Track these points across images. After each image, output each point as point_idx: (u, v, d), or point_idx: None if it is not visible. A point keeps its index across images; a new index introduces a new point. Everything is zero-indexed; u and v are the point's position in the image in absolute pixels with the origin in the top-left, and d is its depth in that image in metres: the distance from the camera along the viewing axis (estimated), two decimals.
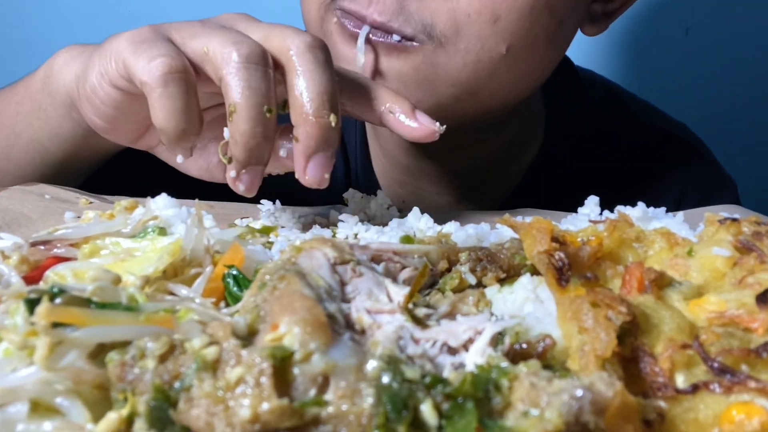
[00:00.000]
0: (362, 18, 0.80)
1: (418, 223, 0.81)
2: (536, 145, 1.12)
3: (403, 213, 0.89)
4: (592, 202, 0.78)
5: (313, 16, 0.87)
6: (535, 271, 0.53)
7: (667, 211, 0.70)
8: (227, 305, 0.52)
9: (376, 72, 0.82)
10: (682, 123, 1.23)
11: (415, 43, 0.80)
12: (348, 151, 1.14)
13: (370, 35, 0.80)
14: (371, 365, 0.38)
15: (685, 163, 1.15)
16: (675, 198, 1.13)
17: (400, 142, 1.06)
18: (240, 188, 0.65)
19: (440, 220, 0.79)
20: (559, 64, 0.96)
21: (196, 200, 0.61)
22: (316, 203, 0.94)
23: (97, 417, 0.39)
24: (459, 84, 0.84)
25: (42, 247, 0.58)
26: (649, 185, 1.13)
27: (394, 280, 0.51)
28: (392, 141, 1.09)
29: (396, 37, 0.80)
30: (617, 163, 1.13)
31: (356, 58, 0.80)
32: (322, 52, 0.64)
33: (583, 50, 1.49)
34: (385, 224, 0.82)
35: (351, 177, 1.14)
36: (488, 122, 0.96)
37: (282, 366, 0.37)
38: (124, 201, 0.70)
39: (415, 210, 0.84)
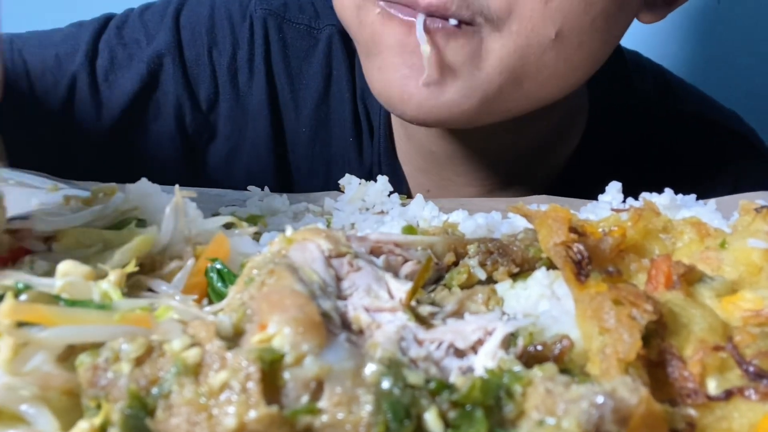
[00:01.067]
0: (413, 5, 0.78)
1: (422, 211, 0.81)
2: (577, 135, 1.10)
3: (406, 201, 0.89)
4: (614, 189, 0.78)
5: (348, 3, 0.86)
6: (551, 265, 0.53)
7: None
8: (210, 303, 0.52)
9: (443, 64, 0.80)
10: (733, 112, 1.22)
11: (472, 27, 0.79)
12: (372, 134, 1.11)
13: (427, 22, 0.78)
14: (370, 369, 0.38)
15: (737, 156, 1.14)
16: (727, 193, 1.09)
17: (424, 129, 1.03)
18: None
19: (447, 208, 0.78)
20: None
21: (177, 186, 0.60)
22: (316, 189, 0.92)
23: (66, 426, 0.39)
24: (506, 71, 0.81)
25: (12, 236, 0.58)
26: (699, 179, 1.08)
27: (396, 274, 0.51)
28: (411, 127, 1.04)
29: (453, 21, 0.78)
30: (664, 155, 1.12)
31: (421, 50, 0.77)
32: None
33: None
34: (385, 213, 0.81)
35: (373, 161, 1.12)
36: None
37: (271, 370, 0.37)
38: (103, 186, 0.70)
39: (419, 198, 0.84)
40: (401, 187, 1.10)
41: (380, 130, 1.11)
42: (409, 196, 0.89)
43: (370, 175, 0.98)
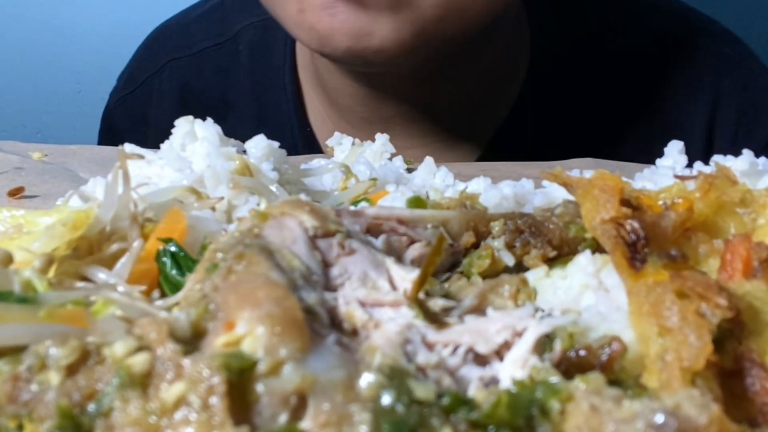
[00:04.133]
0: None
1: (433, 179, 0.81)
2: (518, 81, 1.22)
3: (414, 165, 0.88)
4: (674, 149, 0.77)
5: None
6: (597, 248, 0.53)
7: (696, 134, 0.71)
8: (163, 295, 0.52)
9: None
10: (714, 21, 1.31)
11: None
12: (269, 103, 1.31)
13: None
14: (366, 380, 0.38)
15: (714, 73, 1.24)
16: (706, 115, 1.23)
17: (354, 81, 1.18)
18: None
19: (464, 174, 0.78)
20: None
21: (120, 147, 0.60)
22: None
23: None
24: None
25: None
26: (670, 103, 1.23)
27: (399, 259, 0.50)
28: (339, 81, 1.20)
29: None
30: (622, 79, 1.23)
31: None
32: None
33: None
34: (386, 182, 0.81)
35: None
36: (463, 45, 1.10)
37: (240, 381, 0.37)
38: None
39: (428, 161, 0.84)
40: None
41: (289, 104, 1.30)
42: None
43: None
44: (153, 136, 1.36)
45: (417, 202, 0.65)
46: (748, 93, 1.25)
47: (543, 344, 0.43)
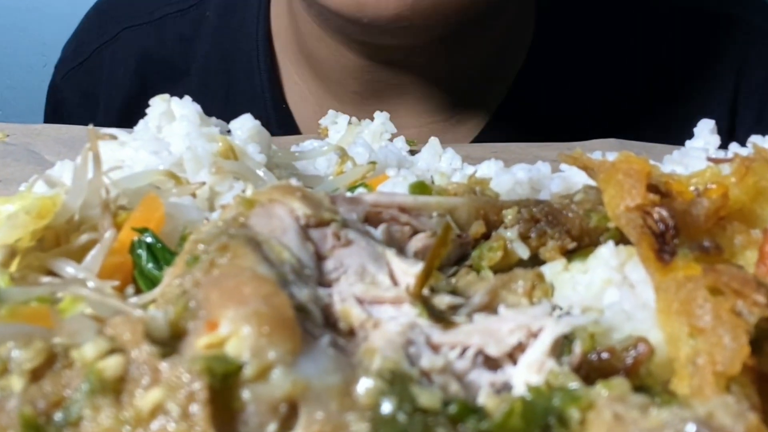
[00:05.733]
0: None
1: (438, 161, 0.80)
2: (524, 48, 1.26)
3: (417, 146, 0.88)
4: (705, 128, 0.77)
5: None
6: (621, 239, 0.53)
7: (720, 109, 0.72)
8: (138, 291, 0.52)
9: None
10: None
11: None
12: (239, 75, 1.33)
13: None
14: (364, 385, 0.38)
15: (738, 36, 1.27)
16: (729, 88, 1.27)
17: (351, 51, 1.20)
18: None
19: (473, 157, 0.78)
20: None
21: (90, 126, 0.60)
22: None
23: None
24: None
25: None
26: (688, 75, 1.27)
27: (401, 251, 0.50)
28: (332, 52, 1.22)
29: None
30: (637, 47, 1.27)
31: None
32: None
33: None
34: (387, 165, 0.81)
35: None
36: (483, 9, 1.12)
37: (224, 387, 0.37)
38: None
39: (433, 142, 0.84)
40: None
41: (260, 75, 1.31)
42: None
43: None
44: (104, 113, 1.37)
45: (421, 187, 0.65)
46: None
47: (561, 346, 0.43)
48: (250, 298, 0.40)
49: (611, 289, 0.49)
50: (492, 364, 0.43)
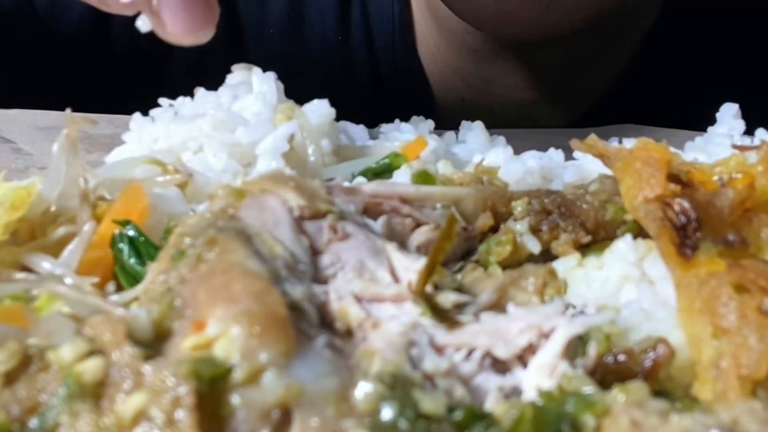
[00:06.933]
0: None
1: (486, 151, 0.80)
2: (650, 18, 1.30)
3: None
4: (728, 113, 0.77)
5: None
6: (640, 232, 0.53)
7: None
8: (119, 288, 0.52)
9: None
10: None
11: None
12: (372, 20, 1.35)
13: None
14: (363, 390, 0.38)
15: None
16: None
17: (473, 17, 1.22)
18: (169, 25, 0.65)
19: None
20: None
21: (67, 111, 0.60)
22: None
23: None
24: None
25: None
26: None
27: (402, 245, 0.51)
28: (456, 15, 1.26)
29: None
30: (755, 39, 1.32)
31: None
32: None
33: None
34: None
35: (377, 59, 1.36)
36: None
37: (212, 391, 0.37)
38: None
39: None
40: (424, 95, 1.34)
41: (394, 21, 1.33)
42: (434, 108, 1.08)
43: (375, 84, 1.27)
44: None
45: (424, 177, 0.65)
46: None
47: (574, 348, 0.43)
48: (239, 296, 0.40)
49: (629, 286, 0.49)
50: (500, 366, 0.43)
